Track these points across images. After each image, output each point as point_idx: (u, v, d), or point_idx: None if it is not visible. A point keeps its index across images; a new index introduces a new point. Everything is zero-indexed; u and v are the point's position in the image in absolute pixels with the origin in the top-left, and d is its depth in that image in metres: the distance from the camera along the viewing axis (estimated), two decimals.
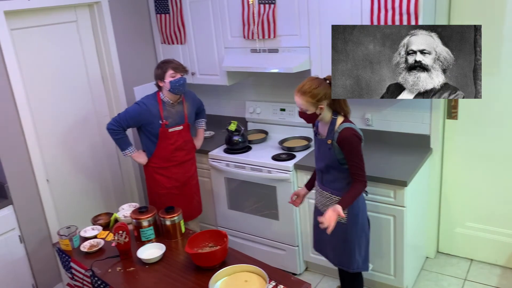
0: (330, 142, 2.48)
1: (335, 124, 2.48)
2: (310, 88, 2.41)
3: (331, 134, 2.48)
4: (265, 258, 3.18)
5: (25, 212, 3.23)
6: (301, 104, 2.45)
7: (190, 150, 3.41)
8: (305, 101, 2.42)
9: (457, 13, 3.07)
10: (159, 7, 3.92)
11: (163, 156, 3.26)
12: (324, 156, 2.54)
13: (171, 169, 3.31)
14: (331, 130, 2.49)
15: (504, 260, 3.41)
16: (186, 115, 3.26)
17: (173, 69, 3.06)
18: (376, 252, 3.11)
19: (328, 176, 2.59)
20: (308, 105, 2.43)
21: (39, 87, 3.38)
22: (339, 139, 2.44)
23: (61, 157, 3.59)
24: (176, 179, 3.34)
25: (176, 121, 3.23)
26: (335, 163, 2.51)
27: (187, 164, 3.38)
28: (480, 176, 3.32)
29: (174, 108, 3.22)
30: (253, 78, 4.01)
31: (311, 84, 2.42)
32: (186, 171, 3.39)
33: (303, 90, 2.42)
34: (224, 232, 2.52)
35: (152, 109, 3.14)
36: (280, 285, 2.20)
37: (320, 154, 2.59)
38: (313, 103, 2.42)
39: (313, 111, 2.45)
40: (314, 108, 2.44)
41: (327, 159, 2.52)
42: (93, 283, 2.48)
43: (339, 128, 2.45)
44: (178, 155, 3.30)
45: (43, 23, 3.36)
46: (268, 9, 3.32)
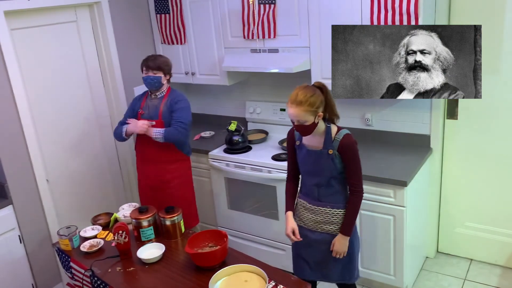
0: (332, 152, 2.34)
1: (330, 133, 2.36)
2: (305, 97, 2.25)
3: (329, 143, 2.35)
4: (265, 258, 3.18)
5: (25, 212, 3.23)
6: (299, 116, 2.26)
7: (166, 154, 3.27)
8: (303, 111, 2.25)
9: (457, 13, 3.07)
10: (159, 7, 3.92)
11: (137, 147, 3.36)
12: (325, 168, 2.38)
13: (145, 165, 3.33)
14: (328, 139, 2.36)
15: (504, 260, 3.41)
16: (160, 111, 3.23)
17: (145, 67, 3.18)
18: (376, 252, 3.11)
19: (328, 190, 2.43)
20: (307, 115, 2.26)
21: (39, 87, 3.38)
22: (340, 147, 2.33)
23: (61, 157, 3.59)
24: (149, 178, 3.33)
25: (150, 114, 3.24)
26: (337, 173, 2.39)
27: (162, 167, 3.29)
28: (480, 176, 3.32)
29: (152, 101, 3.26)
30: (253, 78, 4.01)
31: (305, 92, 2.26)
32: (161, 174, 3.29)
33: (298, 100, 2.25)
34: (224, 232, 2.52)
35: (138, 99, 3.35)
36: (280, 285, 2.20)
37: (317, 168, 2.41)
38: (312, 112, 2.26)
39: (312, 121, 2.29)
40: (313, 117, 2.28)
41: (328, 171, 2.38)
42: (92, 283, 2.48)
43: (339, 136, 2.34)
44: (148, 151, 3.27)
45: (43, 23, 3.36)
46: (268, 9, 3.32)
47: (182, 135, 3.15)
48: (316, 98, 2.27)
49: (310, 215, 2.50)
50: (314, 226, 2.50)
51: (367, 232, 3.10)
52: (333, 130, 2.37)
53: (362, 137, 3.56)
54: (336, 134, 2.35)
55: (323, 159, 2.37)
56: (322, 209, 2.46)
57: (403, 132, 3.40)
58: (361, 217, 3.08)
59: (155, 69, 3.16)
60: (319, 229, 2.49)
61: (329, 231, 2.46)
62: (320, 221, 2.47)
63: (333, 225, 2.45)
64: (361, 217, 3.08)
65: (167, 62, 3.23)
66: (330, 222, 2.45)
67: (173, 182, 3.31)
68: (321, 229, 2.48)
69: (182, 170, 3.36)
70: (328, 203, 2.44)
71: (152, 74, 3.16)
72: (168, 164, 3.28)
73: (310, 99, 2.25)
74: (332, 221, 2.44)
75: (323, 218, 2.46)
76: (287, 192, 2.63)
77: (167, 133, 3.11)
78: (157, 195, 3.33)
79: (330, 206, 2.44)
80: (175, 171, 3.31)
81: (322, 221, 2.47)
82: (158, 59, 3.18)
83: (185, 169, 3.40)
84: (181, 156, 3.33)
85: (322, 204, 2.45)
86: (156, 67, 3.15)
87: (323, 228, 2.47)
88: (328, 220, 2.45)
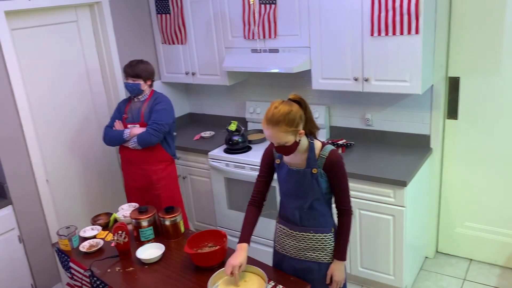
0: (317, 171, 2.10)
1: (314, 149, 2.12)
2: (282, 115, 1.97)
3: (313, 161, 2.11)
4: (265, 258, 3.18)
5: (24, 212, 3.23)
6: (277, 138, 2.01)
7: (150, 155, 3.28)
8: (282, 132, 1.99)
9: (457, 13, 3.07)
10: (159, 7, 3.92)
11: (121, 150, 3.36)
12: (307, 190, 2.14)
13: (129, 167, 3.34)
14: (311, 156, 2.11)
15: (503, 260, 3.41)
16: (142, 113, 3.25)
17: (125, 73, 3.21)
18: (376, 252, 3.11)
19: (311, 214, 2.18)
20: (286, 135, 2.00)
21: (39, 87, 3.39)
22: (327, 164, 2.09)
23: (61, 157, 3.59)
24: (134, 179, 3.35)
25: (133, 117, 3.27)
26: (321, 194, 2.14)
27: (145, 168, 3.29)
28: (480, 176, 3.32)
29: (135, 104, 3.29)
30: (253, 78, 4.01)
31: (282, 109, 1.98)
32: (147, 175, 3.30)
33: (275, 120, 1.98)
34: (223, 232, 2.52)
35: (123, 103, 3.38)
36: (279, 285, 2.20)
37: (299, 189, 2.16)
38: (292, 132, 2.00)
39: (293, 141, 2.03)
40: (294, 137, 2.03)
41: (311, 193, 2.13)
42: (92, 283, 2.48)
43: (324, 152, 2.10)
44: (133, 153, 3.27)
45: (43, 23, 3.36)
46: (269, 9, 3.32)
47: (153, 138, 3.18)
48: (295, 115, 2.00)
49: (292, 242, 2.26)
50: (297, 254, 2.26)
51: (367, 232, 3.10)
52: (317, 146, 2.13)
53: (362, 137, 3.57)
54: (321, 150, 2.11)
55: (306, 179, 2.12)
56: (305, 235, 2.21)
57: (403, 132, 3.40)
58: (361, 217, 3.08)
59: (134, 76, 3.19)
60: (302, 257, 2.25)
61: (314, 258, 2.22)
62: (303, 248, 2.23)
63: (318, 252, 2.21)
64: (361, 217, 3.08)
65: (147, 68, 3.22)
66: (314, 248, 2.21)
67: (159, 183, 3.33)
68: (304, 256, 2.24)
69: (167, 171, 3.37)
70: (311, 227, 2.20)
71: (131, 81, 3.19)
72: (153, 164, 3.30)
73: (287, 117, 1.98)
74: (317, 248, 2.21)
75: (306, 244, 2.22)
76: (246, 218, 2.29)
77: (139, 138, 3.19)
78: (144, 196, 3.35)
79: (314, 231, 2.20)
80: (161, 171, 3.32)
81: (306, 248, 2.23)
82: (137, 66, 3.18)
83: (171, 171, 3.41)
84: (166, 157, 3.34)
85: (305, 229, 2.21)
86: (134, 75, 3.18)
87: (307, 256, 2.23)
88: (312, 246, 2.22)
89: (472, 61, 3.12)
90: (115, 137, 3.26)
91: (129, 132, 3.22)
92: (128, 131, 3.23)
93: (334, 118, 3.68)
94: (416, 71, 2.87)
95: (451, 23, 3.11)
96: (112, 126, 3.31)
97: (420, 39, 2.80)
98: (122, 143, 3.27)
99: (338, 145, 3.42)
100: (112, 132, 3.28)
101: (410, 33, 2.82)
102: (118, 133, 3.25)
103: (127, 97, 3.41)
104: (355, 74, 3.10)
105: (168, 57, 4.08)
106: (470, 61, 3.13)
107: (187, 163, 3.91)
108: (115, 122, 3.30)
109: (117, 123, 3.30)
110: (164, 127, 3.20)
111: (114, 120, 3.32)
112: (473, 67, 3.13)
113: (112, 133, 3.28)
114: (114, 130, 3.28)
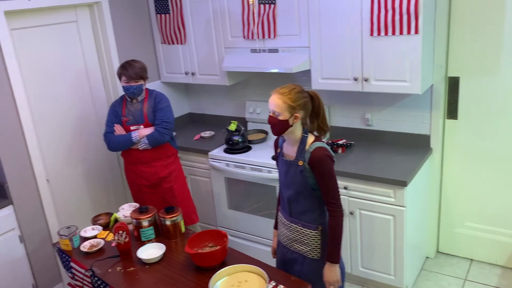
0: (302, 164, 2.14)
1: (305, 143, 2.16)
2: (290, 90, 2.10)
3: (301, 154, 2.15)
4: (265, 258, 3.18)
5: (25, 212, 3.23)
6: (276, 106, 2.10)
7: (160, 152, 3.28)
8: (282, 102, 2.08)
9: (457, 13, 3.07)
10: (159, 7, 3.92)
11: (128, 152, 3.29)
12: (294, 181, 2.19)
13: (138, 167, 3.31)
14: (301, 149, 2.16)
15: (504, 260, 3.41)
16: (145, 114, 3.24)
17: (125, 77, 3.12)
18: (376, 252, 3.12)
19: (298, 206, 2.23)
20: (284, 107, 2.08)
21: (39, 87, 3.39)
22: (311, 160, 2.12)
23: (61, 157, 3.59)
24: (145, 178, 3.33)
25: (135, 119, 3.24)
26: (307, 188, 2.17)
27: (156, 165, 3.30)
28: (480, 176, 3.32)
29: (134, 106, 3.25)
30: (253, 78, 4.01)
31: (294, 86, 2.13)
32: (157, 171, 3.31)
33: (282, 90, 2.12)
34: (224, 232, 2.52)
35: (117, 106, 3.28)
36: (280, 285, 2.20)
37: (289, 179, 2.22)
38: (289, 107, 2.09)
39: (286, 118, 2.10)
40: (288, 115, 2.09)
41: (297, 184, 2.18)
42: (93, 283, 2.48)
43: (311, 148, 2.13)
44: (138, 153, 3.25)
45: (43, 23, 3.36)
46: (268, 9, 3.33)
47: (166, 137, 3.21)
48: (301, 97, 2.11)
49: (286, 231, 2.33)
50: (287, 243, 2.34)
51: (368, 232, 3.10)
52: (309, 140, 2.17)
53: (362, 137, 3.57)
54: (310, 145, 2.15)
55: (293, 170, 2.18)
56: (294, 226, 2.27)
57: (403, 132, 3.40)
58: (361, 217, 3.09)
59: (137, 79, 3.14)
60: (291, 247, 2.31)
61: (301, 251, 2.27)
62: (292, 239, 2.29)
63: (304, 246, 2.25)
64: (361, 217, 3.09)
65: (144, 67, 3.21)
66: (301, 241, 2.26)
67: (171, 176, 3.37)
68: (294, 247, 2.30)
69: (176, 164, 3.42)
70: (299, 220, 2.25)
71: (134, 84, 3.14)
72: (163, 160, 3.32)
73: (293, 94, 2.10)
74: (303, 241, 2.25)
75: (295, 236, 2.28)
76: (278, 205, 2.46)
77: (151, 139, 3.17)
78: (157, 191, 3.36)
79: (301, 225, 2.24)
80: (171, 165, 3.36)
81: (294, 239, 2.28)
82: (136, 67, 3.13)
83: (178, 163, 3.47)
84: (173, 151, 3.39)
85: (294, 221, 2.27)
86: (137, 77, 3.13)
87: (295, 247, 2.29)
88: (299, 239, 2.26)
89: (472, 61, 3.12)
90: (122, 142, 3.21)
91: (138, 134, 3.19)
92: (136, 134, 3.18)
93: (334, 118, 3.68)
94: (415, 71, 2.87)
95: (451, 23, 3.11)
96: (112, 132, 3.24)
97: (420, 39, 2.80)
98: (130, 146, 3.22)
99: (338, 145, 3.42)
100: (117, 137, 3.21)
101: (409, 33, 2.82)
102: (125, 137, 3.19)
103: (118, 99, 3.33)
104: (355, 74, 3.10)
105: (168, 57, 4.08)
106: (470, 61, 3.13)
107: (187, 163, 3.91)
108: (115, 126, 3.24)
109: (117, 127, 3.24)
110: (172, 124, 3.24)
111: (112, 124, 3.25)
112: (473, 67, 3.13)
113: (117, 138, 3.21)
114: (119, 135, 3.21)
